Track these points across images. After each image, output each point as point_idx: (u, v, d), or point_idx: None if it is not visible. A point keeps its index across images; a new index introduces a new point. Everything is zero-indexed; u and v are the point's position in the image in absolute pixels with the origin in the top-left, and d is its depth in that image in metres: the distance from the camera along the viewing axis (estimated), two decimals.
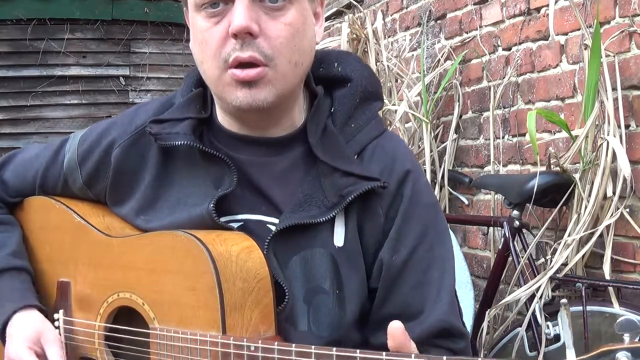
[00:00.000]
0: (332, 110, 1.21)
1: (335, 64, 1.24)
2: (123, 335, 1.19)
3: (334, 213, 1.12)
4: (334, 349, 0.93)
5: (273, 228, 1.14)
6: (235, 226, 1.16)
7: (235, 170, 1.15)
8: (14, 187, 1.38)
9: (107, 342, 1.22)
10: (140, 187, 1.22)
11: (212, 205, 1.12)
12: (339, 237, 1.13)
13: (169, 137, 1.17)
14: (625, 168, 2.09)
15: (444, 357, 0.86)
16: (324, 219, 1.11)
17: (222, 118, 1.21)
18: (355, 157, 1.17)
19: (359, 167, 1.15)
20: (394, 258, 1.14)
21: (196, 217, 1.14)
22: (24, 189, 1.37)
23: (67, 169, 1.30)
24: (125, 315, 1.21)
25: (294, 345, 0.97)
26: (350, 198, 1.11)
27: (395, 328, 0.92)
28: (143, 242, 1.18)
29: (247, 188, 1.17)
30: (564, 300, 0.72)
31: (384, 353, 0.90)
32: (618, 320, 0.82)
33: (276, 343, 0.99)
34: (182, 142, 1.16)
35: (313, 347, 0.95)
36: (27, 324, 1.23)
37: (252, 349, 1.00)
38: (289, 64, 1.10)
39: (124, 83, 5.82)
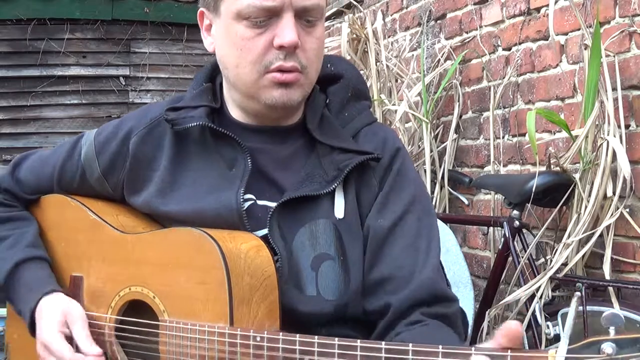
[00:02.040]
0: (327, 102, 1.33)
1: (328, 65, 1.35)
2: (134, 327, 1.23)
3: (333, 186, 1.22)
4: (336, 338, 1.01)
5: None
6: (245, 206, 1.23)
7: (248, 150, 1.24)
8: (29, 184, 1.43)
9: (117, 334, 1.26)
10: (157, 173, 1.30)
11: (241, 190, 1.21)
12: (339, 209, 1.23)
13: (185, 120, 1.27)
14: (625, 168, 2.09)
15: (440, 347, 0.93)
16: (324, 191, 1.22)
17: (233, 111, 1.31)
18: (351, 138, 1.29)
19: (354, 144, 1.27)
20: (380, 222, 1.23)
21: (223, 203, 1.22)
22: (41, 185, 1.42)
23: (85, 160, 1.36)
24: (135, 310, 1.25)
25: (297, 335, 1.04)
26: (347, 170, 1.22)
27: (514, 330, 0.90)
28: (156, 239, 1.23)
29: (254, 173, 1.25)
30: (577, 293, 0.74)
31: (382, 342, 0.98)
32: (604, 314, 0.86)
33: (281, 334, 1.05)
34: (197, 124, 1.25)
35: (316, 337, 1.02)
36: (54, 308, 1.28)
37: (258, 339, 1.07)
38: (315, 72, 1.25)
39: (124, 83, 5.81)
